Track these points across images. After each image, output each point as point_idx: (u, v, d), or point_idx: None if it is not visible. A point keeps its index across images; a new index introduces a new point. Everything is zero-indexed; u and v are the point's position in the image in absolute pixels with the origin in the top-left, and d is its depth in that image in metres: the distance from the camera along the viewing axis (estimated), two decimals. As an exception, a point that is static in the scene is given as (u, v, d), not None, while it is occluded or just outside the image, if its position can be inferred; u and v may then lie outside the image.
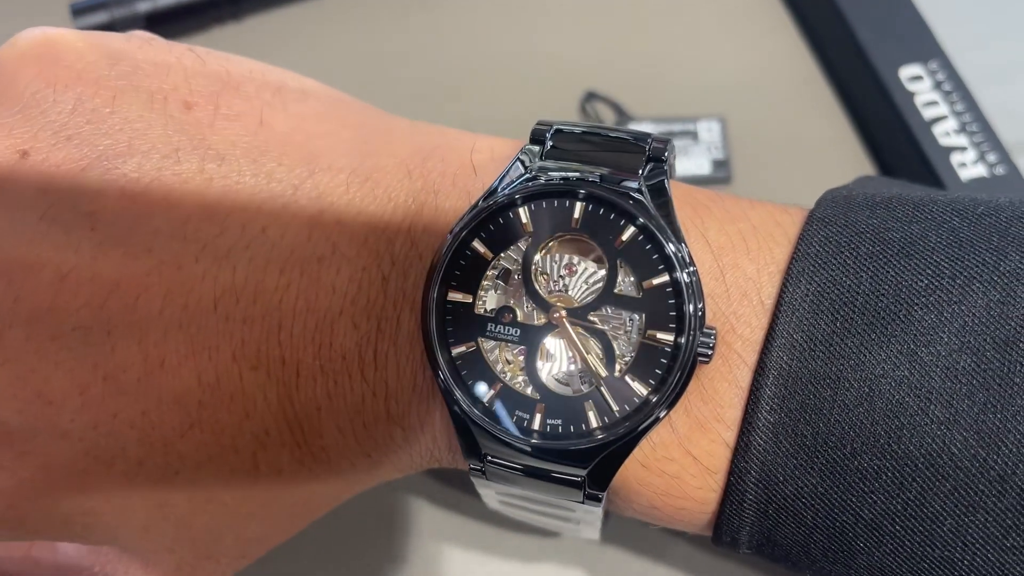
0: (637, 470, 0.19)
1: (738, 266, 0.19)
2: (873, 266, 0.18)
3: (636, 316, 0.19)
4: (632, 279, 0.19)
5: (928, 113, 0.33)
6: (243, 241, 0.19)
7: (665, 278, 0.19)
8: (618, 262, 0.19)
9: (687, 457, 0.19)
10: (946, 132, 0.33)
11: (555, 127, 0.20)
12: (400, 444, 0.20)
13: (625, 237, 0.19)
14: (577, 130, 0.20)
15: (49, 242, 0.18)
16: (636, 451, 0.19)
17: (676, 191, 0.20)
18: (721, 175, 0.35)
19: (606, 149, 0.20)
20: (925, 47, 0.35)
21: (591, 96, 0.36)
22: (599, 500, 0.19)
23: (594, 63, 0.38)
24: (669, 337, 0.18)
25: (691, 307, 0.18)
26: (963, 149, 0.32)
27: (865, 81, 0.35)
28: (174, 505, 0.20)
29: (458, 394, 0.19)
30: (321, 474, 0.21)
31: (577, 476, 0.19)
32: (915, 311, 0.17)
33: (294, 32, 0.39)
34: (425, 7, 0.40)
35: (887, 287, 0.18)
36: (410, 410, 0.20)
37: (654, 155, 0.20)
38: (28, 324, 0.18)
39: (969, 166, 0.32)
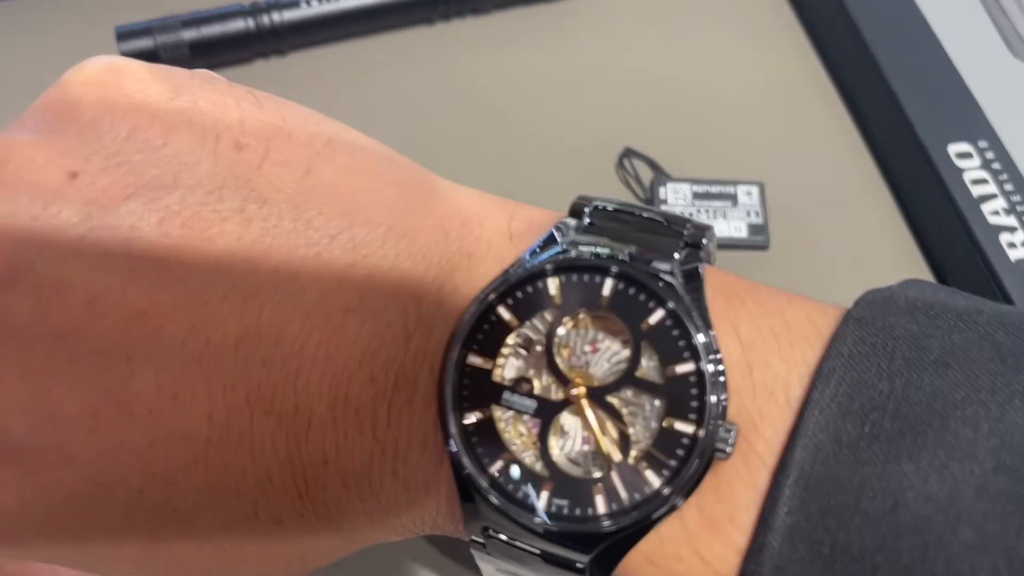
0: (642, 565, 0.18)
1: (767, 364, 0.18)
2: (908, 372, 0.17)
3: (656, 402, 0.18)
4: (655, 363, 0.18)
5: (977, 191, 0.32)
6: (273, 283, 0.19)
7: (690, 367, 0.18)
8: (643, 344, 0.18)
9: (695, 558, 0.18)
10: (995, 211, 0.32)
11: (594, 203, 0.20)
12: (403, 507, 0.20)
13: (653, 320, 0.18)
14: (612, 207, 0.20)
15: (83, 263, 0.18)
16: (643, 544, 0.18)
17: (711, 279, 0.19)
18: (758, 240, 0.34)
19: (643, 230, 0.20)
20: (975, 125, 0.34)
21: (629, 153, 0.36)
22: None
23: (633, 120, 0.37)
24: (688, 428, 0.18)
25: (713, 398, 0.17)
26: (1013, 229, 0.31)
27: (911, 155, 0.34)
28: (167, 543, 0.20)
29: (467, 461, 0.18)
30: (320, 529, 0.20)
31: (579, 562, 0.18)
32: (949, 423, 0.16)
33: (336, 69, 0.39)
34: (470, 54, 0.40)
35: (921, 396, 0.17)
36: (417, 473, 0.19)
37: (692, 240, 0.19)
38: (51, 342, 0.18)
39: (1019, 247, 0.31)
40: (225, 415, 0.19)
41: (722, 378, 0.18)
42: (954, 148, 0.33)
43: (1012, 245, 0.31)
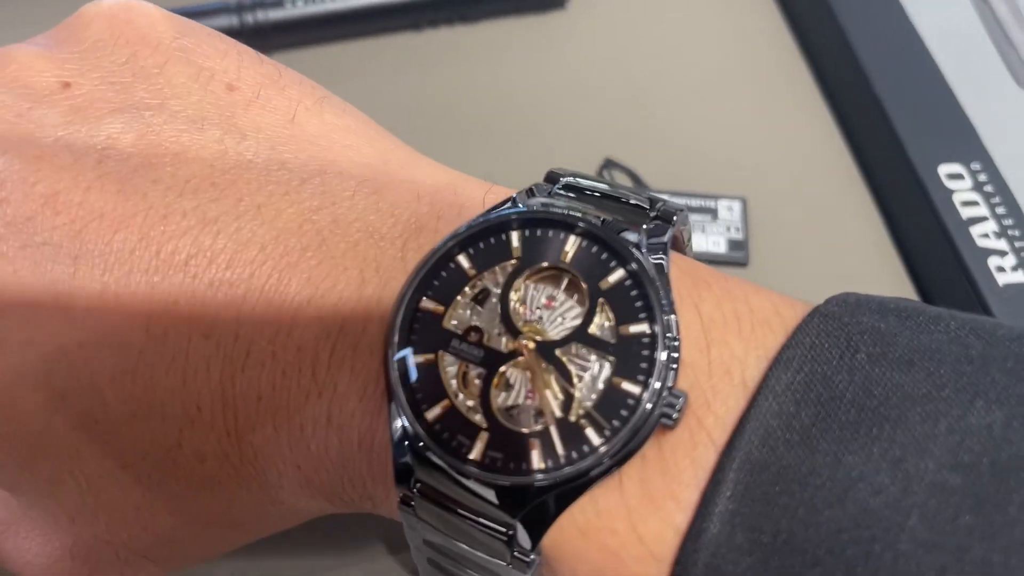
0: (575, 538, 0.17)
1: (726, 343, 0.17)
2: (870, 367, 0.16)
3: (605, 362, 0.17)
4: (610, 323, 0.17)
5: (966, 213, 0.31)
6: (235, 212, 0.19)
7: (644, 327, 0.17)
8: (600, 302, 0.18)
9: (631, 533, 0.16)
10: (984, 234, 0.31)
11: (570, 174, 0.20)
12: (334, 460, 0.19)
13: (612, 279, 0.18)
14: (589, 182, 0.20)
15: (54, 162, 0.19)
16: (577, 514, 0.17)
17: (679, 261, 0.19)
18: (738, 256, 0.32)
19: (614, 201, 0.19)
20: (968, 147, 0.33)
21: (609, 164, 0.35)
22: (527, 564, 0.17)
23: (615, 132, 0.36)
24: (635, 388, 0.17)
25: (663, 355, 0.17)
26: (1003, 253, 0.30)
27: (900, 174, 0.33)
28: (85, 461, 0.19)
29: (403, 400, 0.17)
30: (246, 479, 0.19)
31: (507, 525, 0.17)
32: (908, 417, 0.15)
33: (320, 71, 0.39)
34: (456, 62, 0.39)
35: (881, 390, 0.16)
36: (352, 421, 0.18)
37: (663, 215, 0.19)
38: (4, 227, 0.18)
39: (1008, 271, 0.30)
40: (163, 330, 0.18)
41: (676, 343, 0.17)
42: (945, 169, 0.32)
43: (1001, 269, 0.30)
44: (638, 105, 0.37)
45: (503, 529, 0.17)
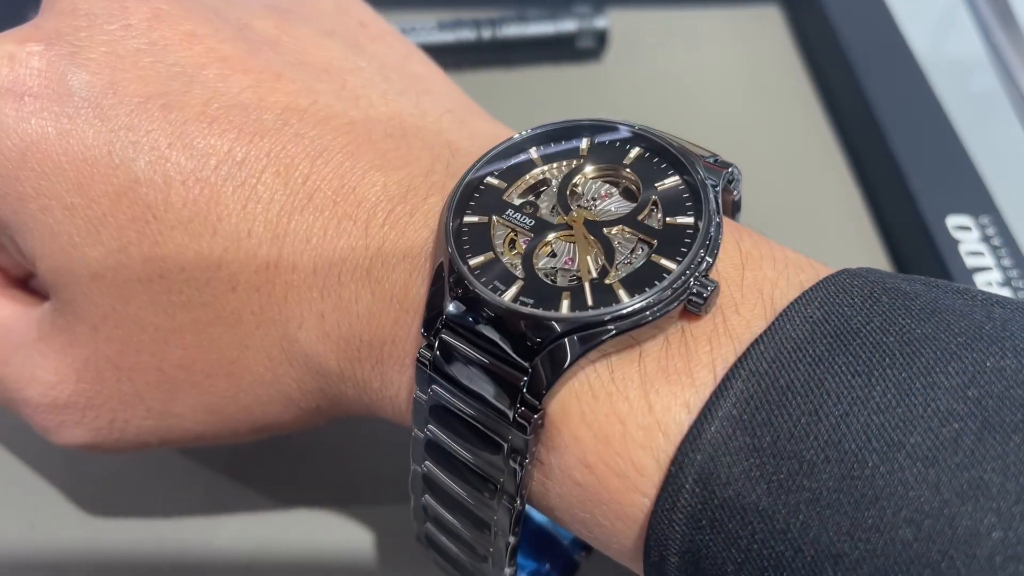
0: (586, 398, 0.17)
1: (761, 268, 0.18)
2: (890, 314, 0.17)
3: (648, 243, 0.18)
4: (659, 216, 0.19)
5: (971, 262, 0.32)
6: (336, 92, 0.22)
7: (689, 219, 0.18)
8: (653, 199, 0.19)
9: (642, 401, 0.17)
10: (988, 283, 0.31)
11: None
12: (361, 313, 0.20)
13: (668, 182, 0.19)
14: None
15: (204, 14, 0.22)
16: (592, 376, 0.17)
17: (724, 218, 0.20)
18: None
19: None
20: (977, 200, 0.34)
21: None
22: (527, 426, 0.17)
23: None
24: (671, 264, 0.17)
25: (701, 252, 0.17)
26: (1005, 301, 0.31)
27: (909, 222, 0.34)
28: (129, 259, 0.20)
29: (452, 245, 0.18)
30: (266, 320, 0.20)
31: (521, 371, 0.17)
32: (921, 352, 0.16)
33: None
34: (491, 103, 0.41)
35: (897, 331, 0.16)
36: (391, 276, 0.19)
37: (720, 163, 0.20)
38: (148, 46, 0.21)
39: (1009, 317, 0.30)
40: (243, 156, 0.20)
41: (718, 240, 0.18)
42: (953, 220, 0.33)
43: (1003, 315, 0.30)
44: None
45: (516, 372, 0.17)
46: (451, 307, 0.18)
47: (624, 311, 0.17)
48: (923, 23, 0.47)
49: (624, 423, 0.17)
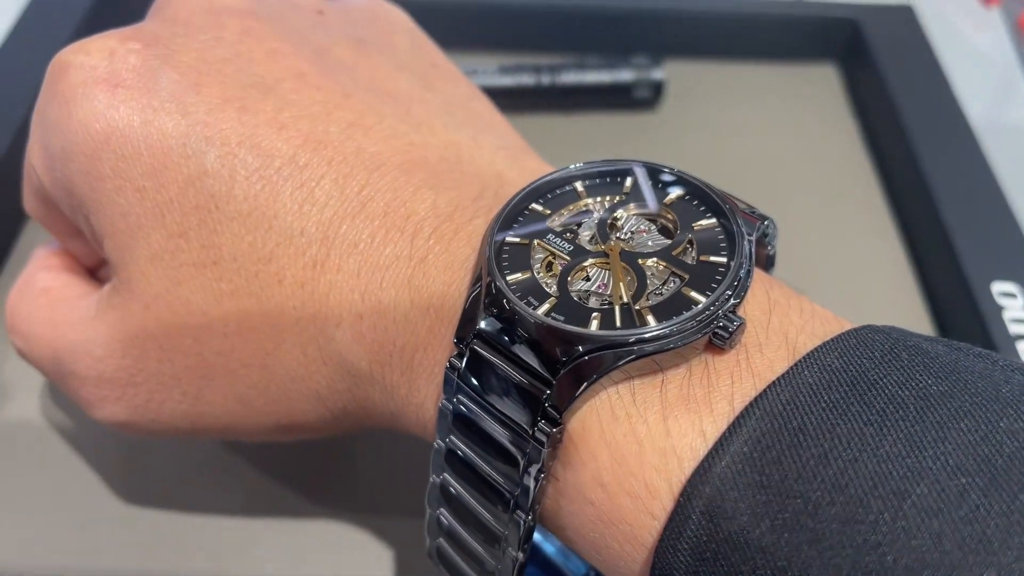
0: (607, 419, 0.18)
1: (787, 315, 0.19)
2: (908, 371, 0.17)
3: (681, 277, 0.19)
4: (694, 253, 0.19)
5: (1015, 329, 0.32)
6: (400, 115, 0.23)
7: (722, 259, 0.19)
8: (688, 238, 0.20)
9: (661, 425, 0.17)
10: (1032, 351, 0.31)
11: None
12: (397, 318, 0.20)
13: (705, 224, 0.20)
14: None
15: (289, 38, 0.24)
16: (615, 397, 0.18)
17: (757, 270, 0.20)
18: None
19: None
20: (1024, 268, 0.34)
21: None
22: (546, 440, 0.17)
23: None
24: (700, 297, 0.18)
25: (729, 291, 0.18)
26: (1048, 370, 0.30)
27: (954, 286, 0.34)
28: (188, 244, 0.21)
29: (491, 263, 0.19)
30: (305, 316, 0.21)
31: (545, 384, 0.18)
32: (935, 409, 0.16)
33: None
34: (548, 143, 0.42)
35: (913, 387, 0.17)
36: (430, 287, 0.20)
37: (756, 215, 0.20)
38: (235, 59, 0.23)
39: (1051, 387, 0.30)
40: (305, 161, 0.21)
41: (748, 279, 0.18)
42: (999, 287, 0.33)
43: (1045, 384, 0.30)
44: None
45: (541, 386, 0.18)
46: (484, 318, 0.18)
47: (649, 335, 0.17)
48: (980, 90, 0.48)
49: (641, 445, 0.17)
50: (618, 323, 0.18)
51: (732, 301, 0.18)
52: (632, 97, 0.43)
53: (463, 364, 0.19)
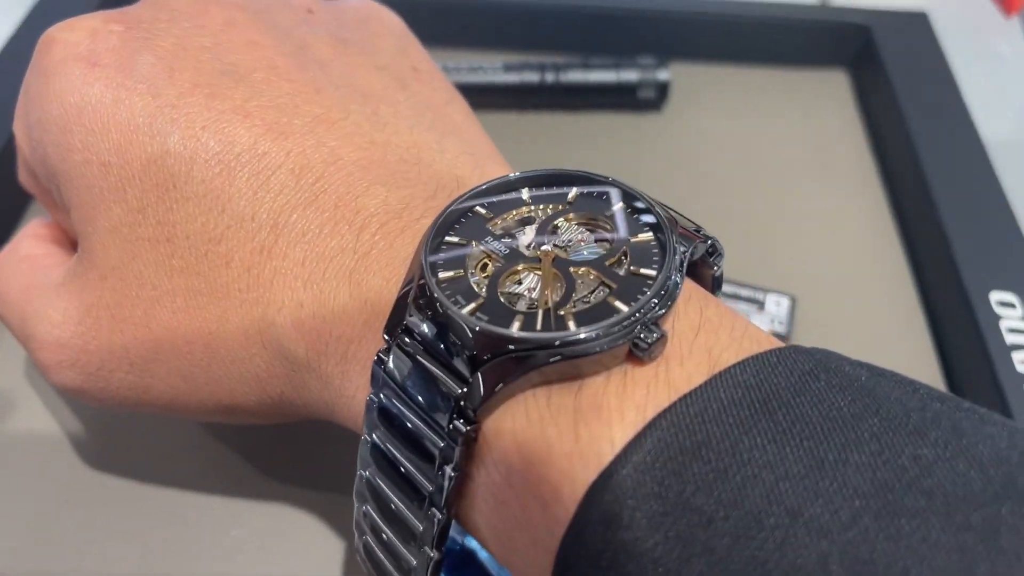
0: (521, 422, 0.18)
1: (716, 334, 0.19)
2: (823, 393, 0.17)
3: (609, 287, 0.19)
4: (627, 265, 0.19)
5: (1011, 339, 0.31)
6: (368, 114, 0.24)
7: (652, 272, 0.19)
8: (623, 249, 0.20)
9: (571, 431, 0.17)
10: (1026, 362, 0.30)
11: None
12: (335, 309, 0.21)
13: (642, 238, 0.20)
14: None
15: (270, 33, 0.25)
16: (530, 400, 0.18)
17: (700, 289, 0.20)
18: (777, 347, 0.33)
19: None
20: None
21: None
22: (460, 435, 0.18)
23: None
24: (624, 306, 0.18)
25: (655, 301, 0.18)
26: (1042, 383, 0.30)
27: (952, 294, 0.33)
28: (144, 219, 0.22)
29: (424, 260, 0.19)
30: (249, 300, 0.22)
31: (463, 380, 0.18)
32: (843, 431, 0.16)
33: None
34: (552, 146, 0.43)
35: (824, 408, 0.16)
36: (370, 281, 0.21)
37: (702, 236, 0.20)
38: (213, 47, 0.24)
39: (1046, 400, 0.29)
40: (264, 150, 0.22)
41: (675, 292, 0.18)
42: (997, 296, 0.32)
43: (1038, 397, 0.29)
44: (715, 201, 0.40)
45: (459, 384, 0.18)
46: (413, 314, 0.19)
47: (569, 338, 0.17)
48: (993, 99, 0.47)
49: (551, 448, 0.17)
50: (539, 326, 0.18)
51: (658, 312, 0.18)
52: (637, 97, 0.43)
53: (390, 358, 0.19)
